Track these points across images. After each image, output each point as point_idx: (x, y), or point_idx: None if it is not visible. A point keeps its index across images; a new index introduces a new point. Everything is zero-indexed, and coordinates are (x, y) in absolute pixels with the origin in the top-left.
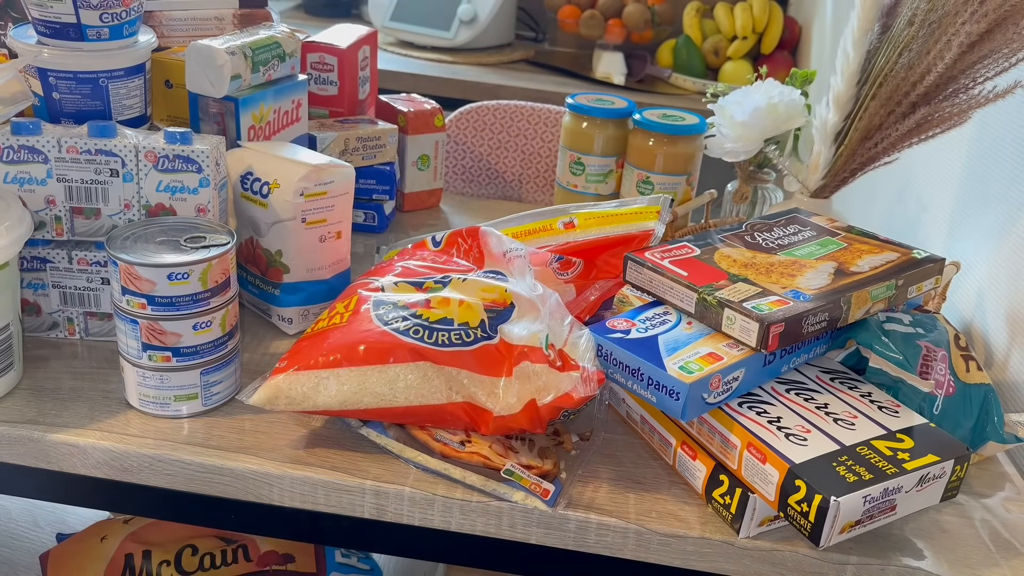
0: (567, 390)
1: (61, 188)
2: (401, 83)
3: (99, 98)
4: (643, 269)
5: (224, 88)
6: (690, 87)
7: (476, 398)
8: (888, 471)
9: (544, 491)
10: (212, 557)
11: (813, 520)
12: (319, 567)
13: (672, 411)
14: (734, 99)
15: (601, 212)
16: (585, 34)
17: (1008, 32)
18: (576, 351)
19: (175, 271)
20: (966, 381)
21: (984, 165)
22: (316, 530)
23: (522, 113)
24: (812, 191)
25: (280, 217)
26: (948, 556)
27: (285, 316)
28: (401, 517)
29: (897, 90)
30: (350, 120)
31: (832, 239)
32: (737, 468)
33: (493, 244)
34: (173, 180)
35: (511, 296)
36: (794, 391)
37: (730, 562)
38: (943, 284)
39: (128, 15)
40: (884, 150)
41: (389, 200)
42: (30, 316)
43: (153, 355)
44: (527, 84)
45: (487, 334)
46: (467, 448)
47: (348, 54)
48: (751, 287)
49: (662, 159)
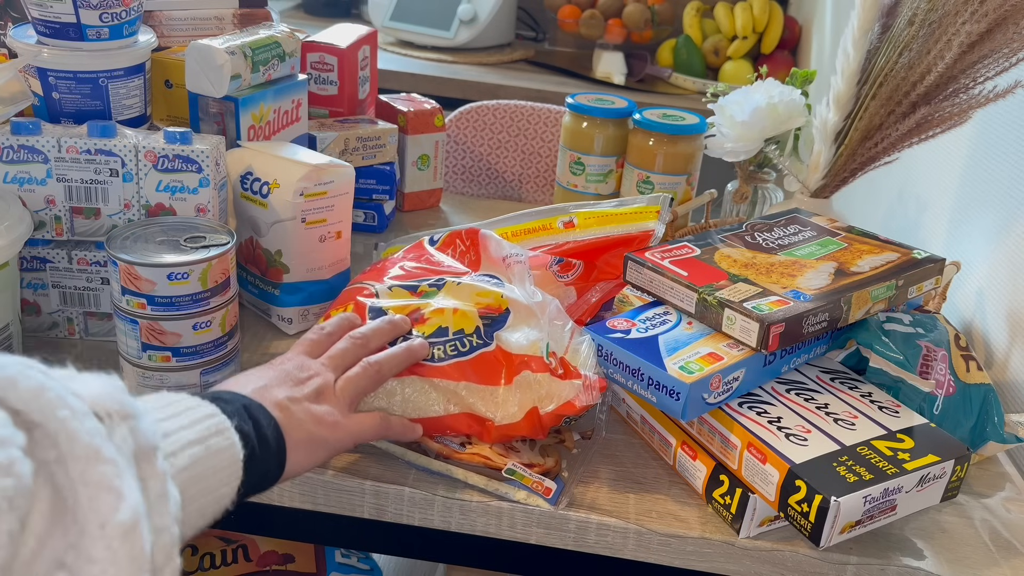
0: (569, 398)
1: (61, 188)
2: (401, 83)
3: (99, 98)
4: (643, 269)
5: (224, 88)
6: (690, 87)
7: (475, 408)
8: (888, 471)
9: (546, 489)
10: (212, 557)
11: (813, 520)
12: (319, 567)
13: (672, 411)
14: (734, 99)
15: (601, 212)
16: (585, 34)
17: (1008, 32)
18: (577, 358)
19: (175, 271)
20: (966, 381)
21: (984, 165)
22: (316, 530)
23: (522, 113)
24: (812, 191)
25: (280, 217)
26: (948, 556)
27: (285, 316)
28: (401, 517)
29: (897, 90)
30: (350, 120)
31: (832, 239)
32: (737, 468)
33: (492, 248)
34: (173, 180)
35: (507, 302)
36: (794, 391)
37: (730, 562)
38: (943, 284)
39: (128, 15)
40: (884, 150)
41: (389, 200)
42: (30, 316)
43: (153, 355)
44: (527, 84)
45: (483, 341)
46: (468, 449)
47: (348, 54)
48: (751, 287)
49: (662, 159)
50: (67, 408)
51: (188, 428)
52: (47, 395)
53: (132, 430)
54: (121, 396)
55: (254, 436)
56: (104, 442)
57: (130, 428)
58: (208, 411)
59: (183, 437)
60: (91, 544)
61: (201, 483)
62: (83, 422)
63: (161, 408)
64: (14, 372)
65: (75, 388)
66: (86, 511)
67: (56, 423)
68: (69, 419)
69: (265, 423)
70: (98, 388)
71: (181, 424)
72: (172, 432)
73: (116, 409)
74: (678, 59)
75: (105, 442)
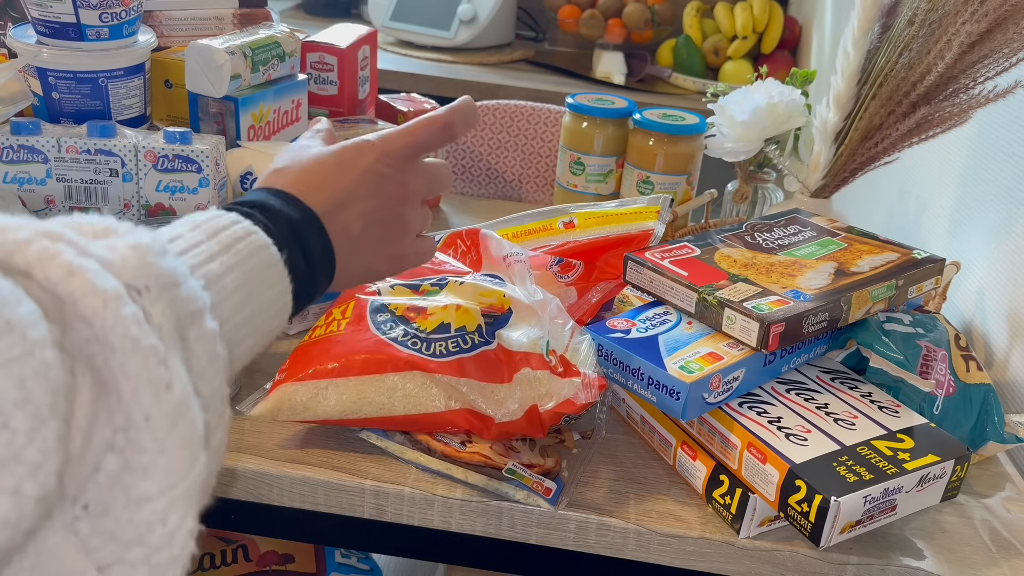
0: (569, 396)
1: (61, 188)
2: (401, 83)
3: (99, 98)
4: (643, 269)
5: (224, 88)
6: (690, 87)
7: (476, 405)
8: (888, 471)
9: (546, 489)
10: (212, 557)
11: (813, 520)
12: (319, 567)
13: (672, 411)
14: (734, 99)
15: (601, 212)
16: (585, 34)
17: (1008, 32)
18: (577, 357)
19: None
20: (966, 381)
21: (984, 165)
22: (316, 530)
23: (522, 113)
24: (812, 191)
25: None
26: (948, 556)
27: None
28: (401, 517)
29: (897, 90)
30: (350, 120)
31: (832, 239)
32: (737, 468)
33: (493, 248)
34: (173, 180)
35: (509, 301)
36: (794, 391)
37: (730, 562)
38: (943, 284)
39: (128, 15)
40: (884, 150)
41: None
42: None
43: None
44: (527, 84)
45: (485, 339)
46: (468, 448)
47: (348, 54)
48: (751, 287)
49: (662, 159)
50: (99, 295)
51: (236, 268)
52: (77, 279)
53: (172, 300)
54: (158, 262)
55: (302, 264)
56: (142, 328)
57: (170, 298)
58: (259, 242)
59: (226, 283)
60: (138, 434)
61: (249, 323)
62: (118, 308)
63: (201, 243)
64: (40, 248)
65: (108, 258)
66: (129, 403)
67: (90, 311)
68: (101, 309)
69: (320, 248)
70: (133, 257)
71: (228, 264)
72: (216, 279)
73: (154, 281)
74: (678, 59)
75: (143, 328)
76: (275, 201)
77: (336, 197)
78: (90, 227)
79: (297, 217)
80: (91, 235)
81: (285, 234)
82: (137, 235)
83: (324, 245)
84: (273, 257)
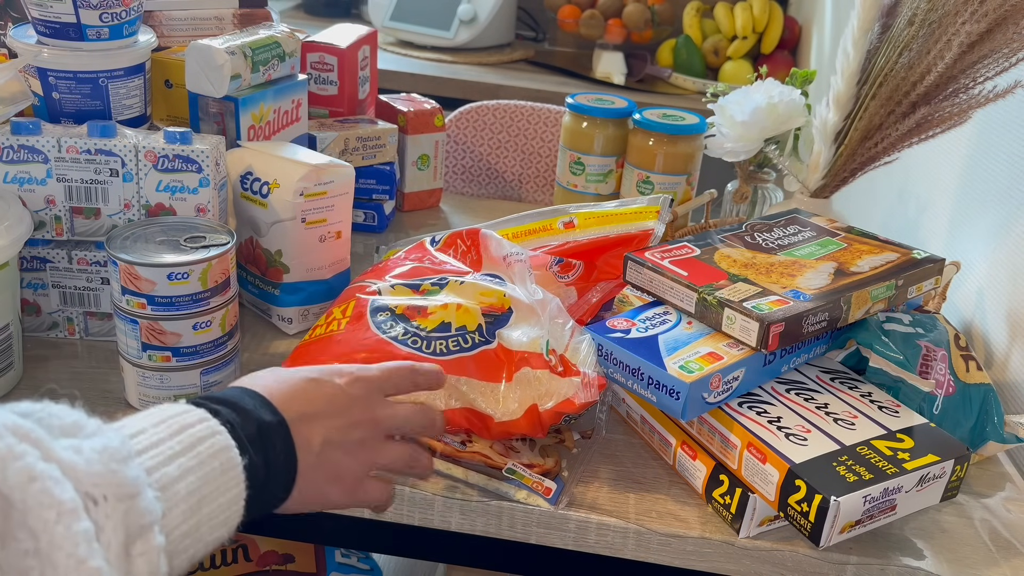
0: (568, 396)
1: (61, 188)
2: (401, 83)
3: (99, 98)
4: (643, 269)
5: (224, 88)
6: (690, 87)
7: (476, 404)
8: (888, 471)
9: (546, 489)
10: (212, 557)
11: (813, 520)
12: (319, 567)
13: (672, 411)
14: (734, 99)
15: (601, 212)
16: (585, 34)
17: (1008, 32)
18: (577, 356)
19: (175, 271)
20: (966, 381)
21: (984, 165)
22: (316, 530)
23: (522, 113)
24: (812, 191)
25: (280, 217)
26: (948, 556)
27: (285, 316)
28: (401, 517)
29: (897, 90)
30: (350, 120)
31: (832, 239)
32: (737, 468)
33: (493, 247)
34: (173, 180)
35: (509, 301)
36: (794, 391)
37: (730, 562)
38: (943, 284)
39: (128, 15)
40: (884, 150)
41: (389, 200)
42: (30, 316)
43: (153, 355)
44: (527, 84)
45: (485, 339)
46: (468, 448)
47: (348, 54)
48: (751, 287)
49: (662, 159)
50: (54, 507)
51: (193, 472)
52: (36, 487)
53: (127, 512)
54: (121, 470)
55: (262, 470)
56: (90, 548)
57: (125, 510)
58: (220, 445)
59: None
60: None
61: (200, 529)
62: (71, 523)
63: (163, 443)
64: (5, 447)
65: (71, 462)
66: None
67: (40, 524)
68: (52, 522)
69: (283, 455)
70: (97, 463)
71: (185, 467)
72: (170, 484)
73: (113, 491)
74: (678, 59)
75: (91, 548)
76: (248, 401)
77: (307, 409)
78: (59, 422)
79: (267, 420)
80: (59, 431)
81: (252, 435)
82: (104, 437)
83: (288, 453)
84: (233, 461)
